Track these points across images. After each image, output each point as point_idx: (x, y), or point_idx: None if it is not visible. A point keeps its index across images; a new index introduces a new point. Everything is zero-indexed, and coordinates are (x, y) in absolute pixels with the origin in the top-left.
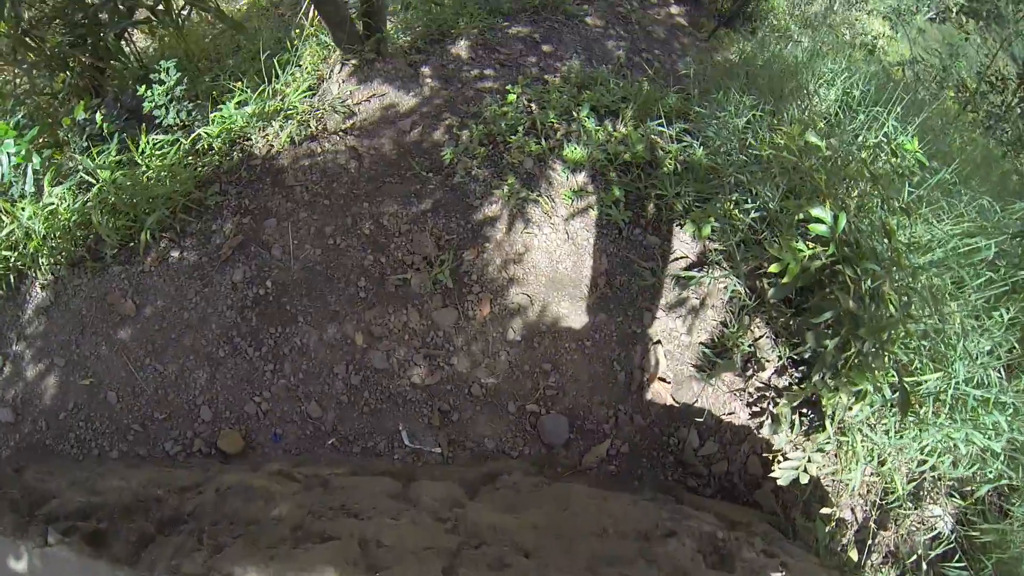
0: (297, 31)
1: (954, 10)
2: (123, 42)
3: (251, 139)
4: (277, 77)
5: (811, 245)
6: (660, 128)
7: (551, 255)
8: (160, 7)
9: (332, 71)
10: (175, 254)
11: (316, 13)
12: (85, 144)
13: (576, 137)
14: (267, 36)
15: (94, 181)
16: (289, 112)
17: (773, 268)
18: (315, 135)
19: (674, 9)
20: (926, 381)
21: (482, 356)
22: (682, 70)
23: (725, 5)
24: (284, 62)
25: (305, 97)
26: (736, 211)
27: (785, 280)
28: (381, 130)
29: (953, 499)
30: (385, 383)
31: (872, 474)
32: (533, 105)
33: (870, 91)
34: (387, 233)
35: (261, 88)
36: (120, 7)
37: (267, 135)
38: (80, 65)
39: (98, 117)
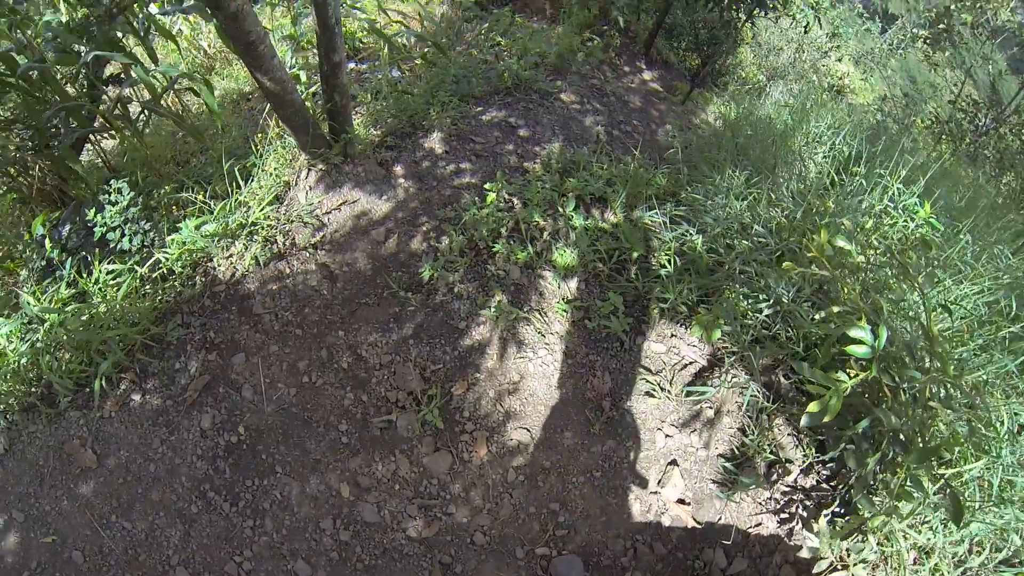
0: (260, 135)
1: (918, 42)
2: (88, 144)
3: (214, 260)
4: (239, 188)
5: (852, 372)
6: (653, 217)
7: (549, 380)
8: (116, 112)
9: (299, 177)
10: (136, 398)
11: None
12: (43, 264)
13: (564, 236)
14: (236, 134)
15: (44, 318)
16: (254, 228)
17: (812, 407)
18: (283, 253)
19: (647, 75)
20: (970, 470)
21: (483, 502)
22: (664, 142)
23: (695, 62)
24: (250, 166)
25: (271, 209)
26: (746, 306)
27: (828, 418)
28: (354, 242)
29: (1001, 572)
30: (378, 537)
31: (916, 562)
32: (515, 200)
33: (863, 147)
34: (367, 366)
35: (223, 203)
36: (71, 117)
37: (231, 256)
38: (42, 171)
39: (47, 245)
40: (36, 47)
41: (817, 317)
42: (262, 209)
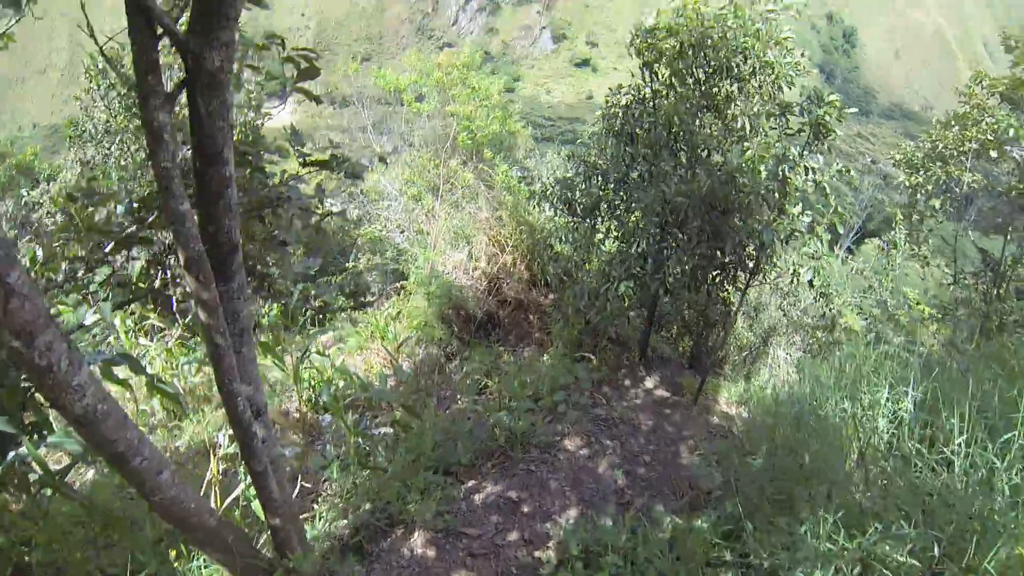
0: (175, 551)
1: (900, 245)
2: None
3: None
4: None
5: None
6: None
7: None
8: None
9: None
10: None
11: None
12: None
13: None
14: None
15: None
16: None
17: None
18: None
19: (649, 382)
20: None
21: None
22: (696, 471)
23: (686, 345)
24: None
25: None
26: None
27: None
28: None
29: None
30: None
31: None
32: None
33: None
34: None
35: None
36: None
37: None
38: None
39: None
40: None
41: None
42: None
